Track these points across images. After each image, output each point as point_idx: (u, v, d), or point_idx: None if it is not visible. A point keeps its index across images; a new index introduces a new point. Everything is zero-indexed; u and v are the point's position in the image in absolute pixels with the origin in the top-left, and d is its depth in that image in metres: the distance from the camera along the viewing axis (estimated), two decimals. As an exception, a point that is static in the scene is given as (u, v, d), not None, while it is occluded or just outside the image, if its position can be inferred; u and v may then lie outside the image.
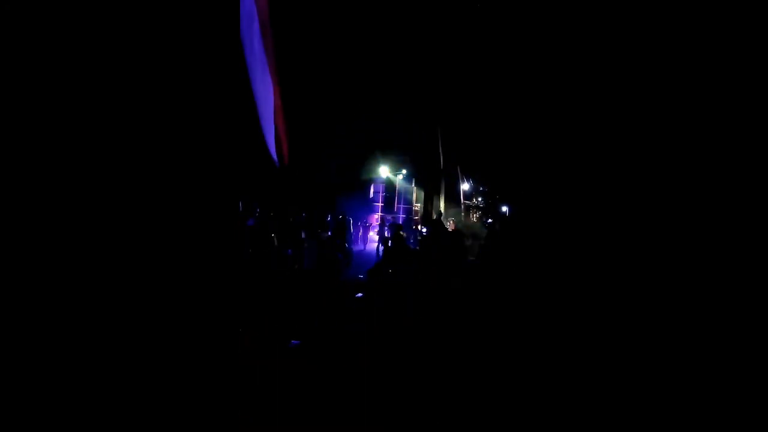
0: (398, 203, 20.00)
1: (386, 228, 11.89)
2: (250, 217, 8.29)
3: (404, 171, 19.86)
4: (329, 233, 9.67)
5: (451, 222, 9.80)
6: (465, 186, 11.31)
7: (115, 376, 3.63)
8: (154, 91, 3.66)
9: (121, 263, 3.64)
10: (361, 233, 16.52)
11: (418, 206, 18.15)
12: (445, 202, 11.42)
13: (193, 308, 4.17)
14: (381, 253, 9.91)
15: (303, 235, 9.06)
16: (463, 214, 10.62)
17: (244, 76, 4.38)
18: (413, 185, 19.05)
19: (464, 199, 11.08)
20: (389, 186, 20.12)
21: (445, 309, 7.20)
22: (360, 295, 8.27)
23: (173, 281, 3.89)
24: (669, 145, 5.10)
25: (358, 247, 15.70)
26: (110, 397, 3.53)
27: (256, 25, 4.59)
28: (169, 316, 3.98)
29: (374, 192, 20.43)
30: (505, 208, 8.61)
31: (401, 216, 18.34)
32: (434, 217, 9.38)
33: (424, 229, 10.80)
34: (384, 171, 20.00)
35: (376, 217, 18.93)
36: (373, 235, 16.49)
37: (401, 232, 7.48)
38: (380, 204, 20.14)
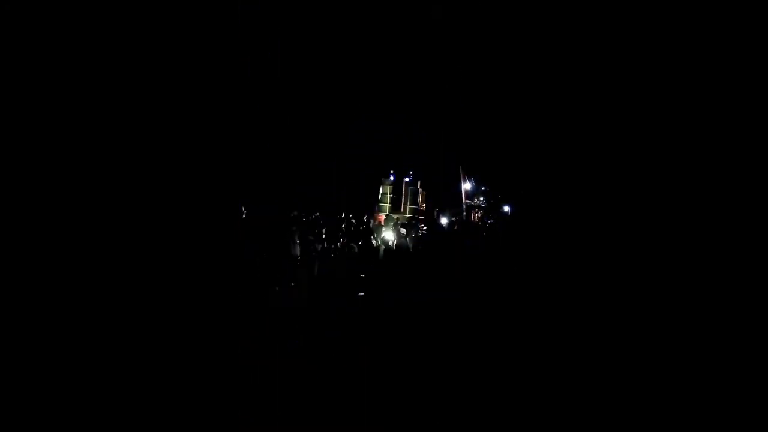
0: (405, 203, 20.00)
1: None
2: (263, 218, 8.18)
3: (411, 173, 19.92)
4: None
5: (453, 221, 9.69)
6: (467, 186, 11.14)
7: (115, 377, 3.56)
8: (154, 88, 3.57)
9: (121, 262, 3.56)
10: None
11: (424, 206, 18.15)
12: (446, 203, 11.32)
13: (192, 308, 4.08)
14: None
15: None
16: (464, 213, 10.47)
17: (245, 72, 4.27)
18: (419, 186, 19.07)
19: (466, 199, 10.92)
20: (396, 187, 20.16)
21: (447, 308, 7.09)
22: (361, 294, 8.20)
23: (173, 280, 3.79)
24: (671, 144, 4.96)
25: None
26: (110, 397, 3.46)
27: (258, 22, 4.49)
28: (169, 315, 3.88)
29: (381, 193, 20.50)
30: (507, 208, 8.45)
31: (408, 215, 18.37)
32: (435, 217, 9.25)
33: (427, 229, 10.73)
34: (391, 172, 20.07)
35: (384, 216, 18.97)
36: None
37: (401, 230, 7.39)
38: (388, 204, 20.19)
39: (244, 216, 7.11)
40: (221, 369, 4.33)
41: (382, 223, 16.54)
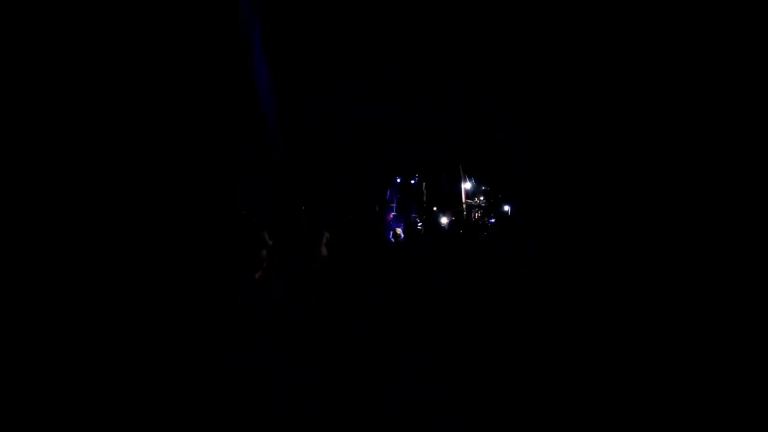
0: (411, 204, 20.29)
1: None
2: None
3: (417, 175, 20.15)
4: None
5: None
6: (467, 185, 11.03)
7: (114, 376, 3.47)
8: (154, 88, 3.47)
9: (119, 261, 3.45)
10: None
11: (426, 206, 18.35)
12: (446, 203, 11.26)
13: (192, 308, 3.98)
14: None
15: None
16: (465, 213, 10.35)
17: (246, 70, 4.18)
18: (424, 188, 19.29)
19: (466, 198, 10.81)
20: (403, 188, 20.43)
21: (448, 308, 6.99)
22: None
23: (172, 279, 3.69)
24: (674, 144, 4.76)
25: None
26: (108, 396, 3.37)
27: (257, 19, 4.39)
28: (168, 315, 3.79)
29: (390, 194, 20.80)
30: (507, 208, 8.29)
31: (412, 216, 18.55)
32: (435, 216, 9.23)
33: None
34: (398, 174, 20.31)
35: (392, 215, 19.26)
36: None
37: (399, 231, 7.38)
38: (395, 205, 20.46)
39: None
40: (221, 369, 4.23)
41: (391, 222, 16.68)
